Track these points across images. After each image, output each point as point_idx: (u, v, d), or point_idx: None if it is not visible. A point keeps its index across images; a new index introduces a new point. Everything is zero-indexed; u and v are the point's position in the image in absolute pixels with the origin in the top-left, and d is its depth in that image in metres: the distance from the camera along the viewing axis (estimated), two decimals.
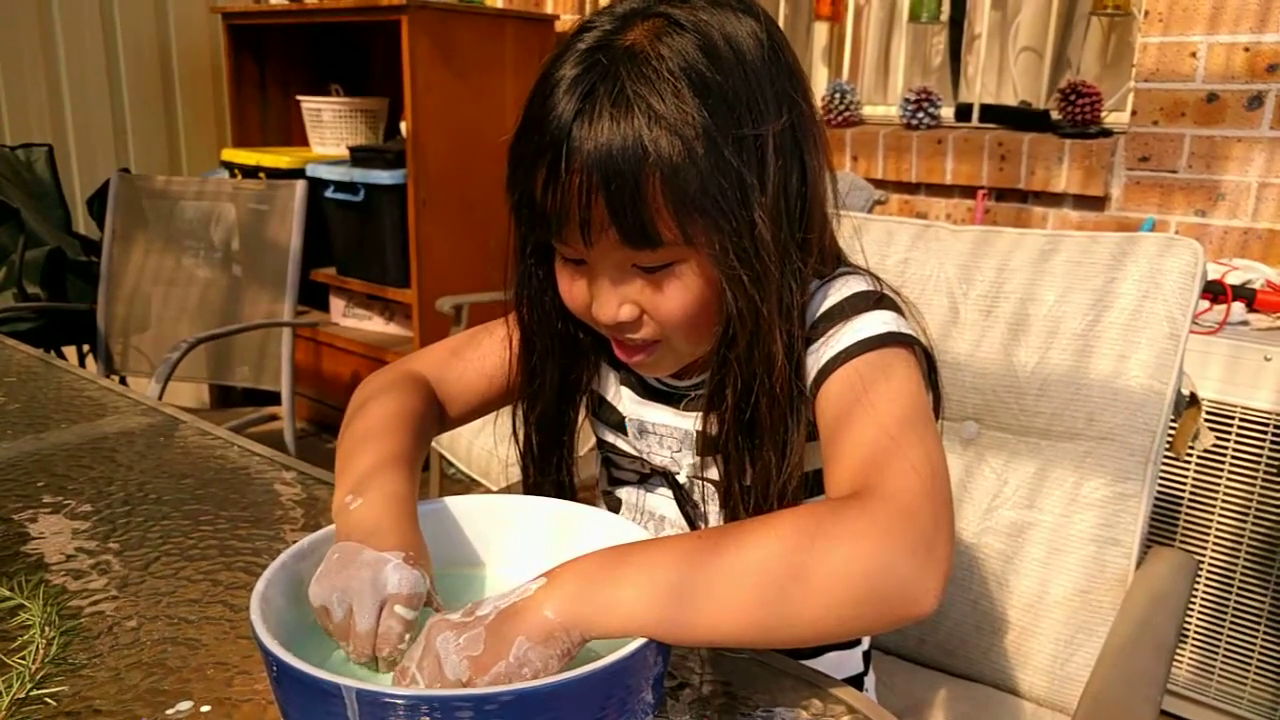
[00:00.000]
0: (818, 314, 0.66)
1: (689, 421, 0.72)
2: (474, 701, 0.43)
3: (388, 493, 0.58)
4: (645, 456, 0.75)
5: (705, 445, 0.68)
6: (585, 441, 0.80)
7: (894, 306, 0.66)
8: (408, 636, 0.51)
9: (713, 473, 0.72)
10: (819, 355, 0.64)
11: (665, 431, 0.74)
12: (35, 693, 0.53)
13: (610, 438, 0.78)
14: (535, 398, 0.74)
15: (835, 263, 0.70)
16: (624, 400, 0.76)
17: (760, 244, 0.60)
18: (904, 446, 0.55)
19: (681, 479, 0.74)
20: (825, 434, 0.62)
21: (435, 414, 0.74)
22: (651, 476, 0.77)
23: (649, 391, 0.75)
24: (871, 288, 0.67)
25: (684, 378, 0.74)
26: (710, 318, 0.63)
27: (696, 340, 0.65)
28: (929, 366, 0.66)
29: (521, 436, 0.76)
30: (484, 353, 0.77)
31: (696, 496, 0.74)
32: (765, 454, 0.64)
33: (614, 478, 0.80)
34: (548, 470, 0.76)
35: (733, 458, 0.65)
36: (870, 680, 0.83)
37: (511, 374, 0.75)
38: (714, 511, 0.73)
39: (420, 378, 0.74)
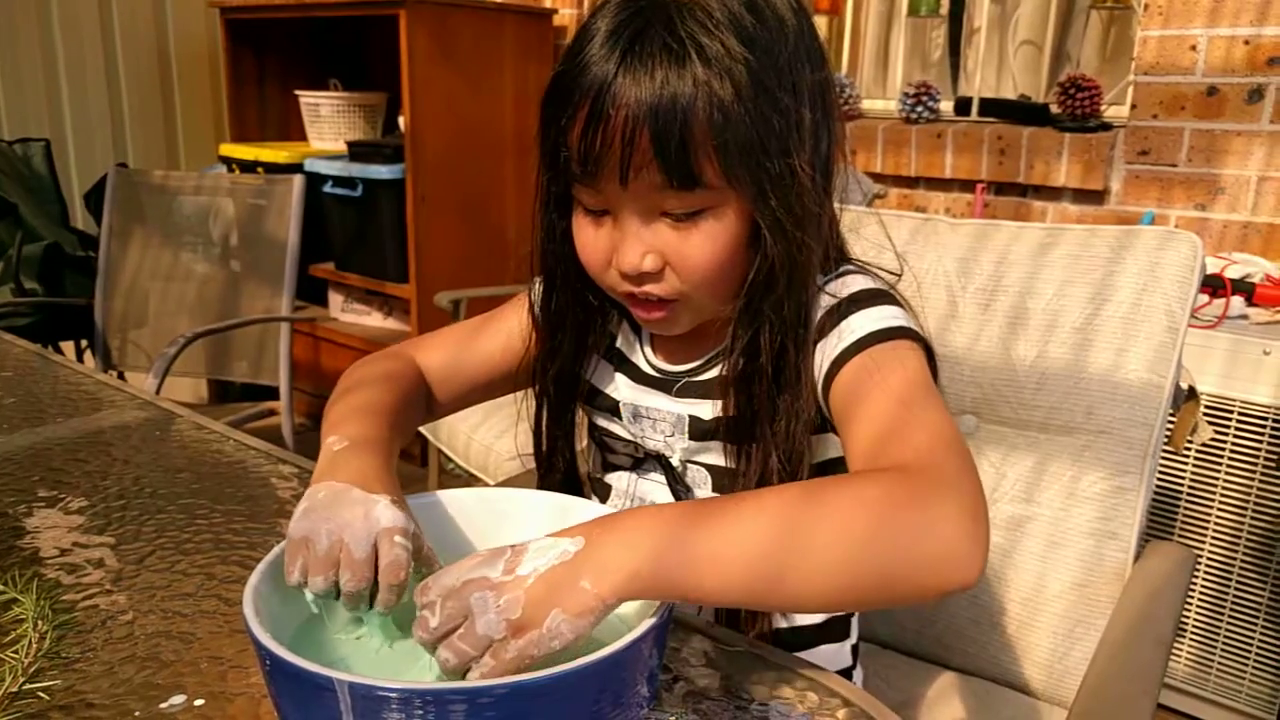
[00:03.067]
0: (825, 309, 0.66)
1: (682, 407, 0.72)
2: (468, 695, 0.42)
3: (371, 440, 0.60)
4: (639, 441, 0.76)
5: (724, 418, 0.68)
6: (579, 440, 0.80)
7: (899, 304, 0.67)
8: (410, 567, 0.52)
9: (705, 457, 0.72)
10: (831, 347, 0.64)
11: (659, 416, 0.74)
12: (28, 687, 0.53)
13: (604, 422, 0.79)
14: (555, 353, 0.75)
15: (840, 255, 0.71)
16: (619, 386, 0.76)
17: (802, 189, 0.61)
18: (924, 417, 0.56)
19: (675, 463, 0.74)
20: (841, 416, 0.62)
21: (423, 393, 0.75)
22: (645, 461, 0.77)
23: (643, 378, 0.75)
24: (876, 285, 0.68)
25: (678, 363, 0.74)
26: (734, 272, 0.64)
27: (716, 296, 0.66)
28: (931, 367, 0.66)
29: (537, 393, 0.77)
30: (485, 339, 0.79)
31: (689, 480, 0.74)
32: (789, 405, 0.64)
33: (607, 462, 0.81)
34: (559, 427, 0.78)
35: (764, 407, 0.65)
36: (859, 674, 0.83)
37: (528, 340, 0.76)
38: (705, 496, 0.73)
39: (410, 359, 0.76)
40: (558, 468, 0.78)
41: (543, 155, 0.65)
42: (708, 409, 0.71)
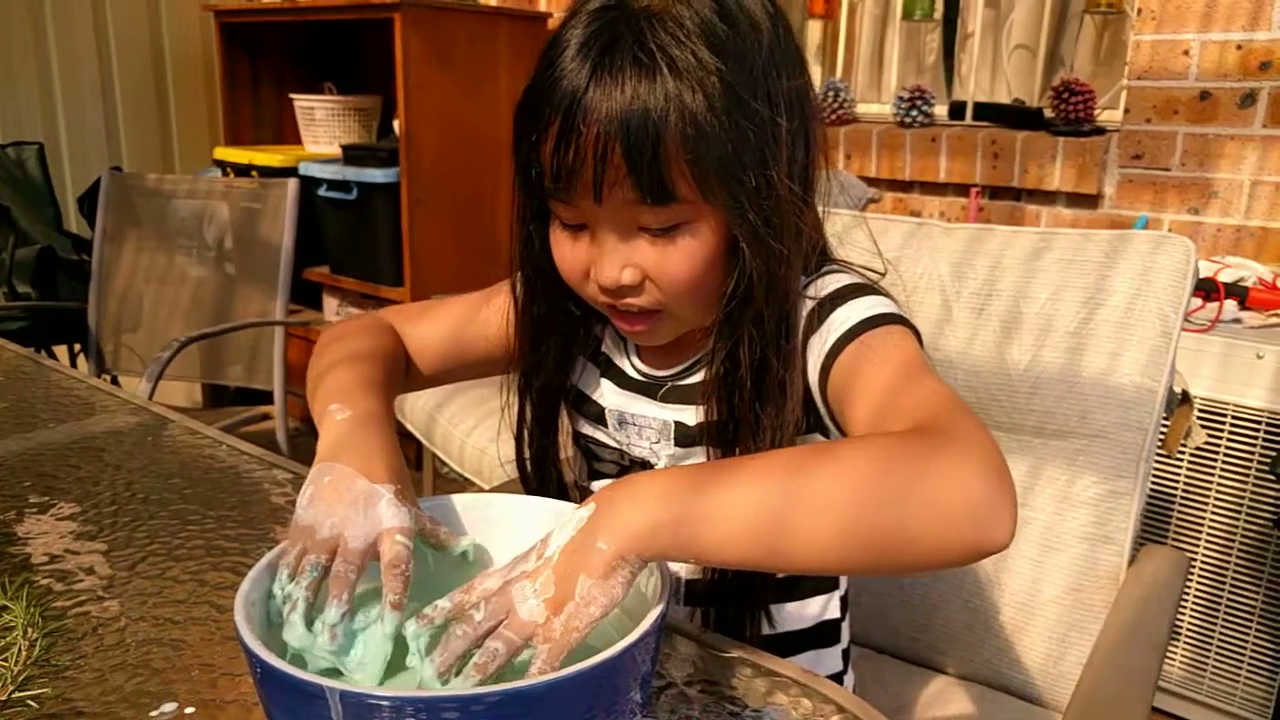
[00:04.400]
0: (808, 310, 0.66)
1: (668, 413, 0.72)
2: (460, 702, 0.42)
3: (374, 414, 0.59)
4: (625, 448, 0.76)
5: (706, 426, 0.68)
6: (564, 447, 0.80)
7: (883, 294, 0.67)
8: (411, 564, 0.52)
9: (691, 462, 0.72)
10: (822, 343, 0.64)
11: (644, 422, 0.74)
12: (18, 695, 0.53)
13: (589, 430, 0.78)
14: (539, 367, 0.74)
15: (822, 256, 0.71)
16: (605, 393, 0.76)
17: (779, 201, 0.60)
18: (924, 383, 0.56)
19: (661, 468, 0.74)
20: (839, 404, 0.62)
21: (404, 367, 0.75)
22: (631, 468, 0.77)
23: (628, 383, 0.75)
24: (859, 280, 0.68)
25: (663, 367, 0.74)
26: (715, 283, 0.63)
27: (698, 306, 0.65)
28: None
29: (516, 408, 0.76)
30: (477, 326, 0.78)
31: None
32: (772, 418, 0.64)
33: (594, 470, 0.80)
34: (549, 438, 0.77)
35: (746, 417, 0.64)
36: (850, 679, 0.82)
37: (511, 345, 0.75)
38: None
39: (392, 330, 0.76)
40: (549, 478, 0.78)
41: (517, 169, 0.64)
42: (692, 414, 0.70)
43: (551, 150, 0.59)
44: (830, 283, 0.67)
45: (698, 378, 0.71)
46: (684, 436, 0.71)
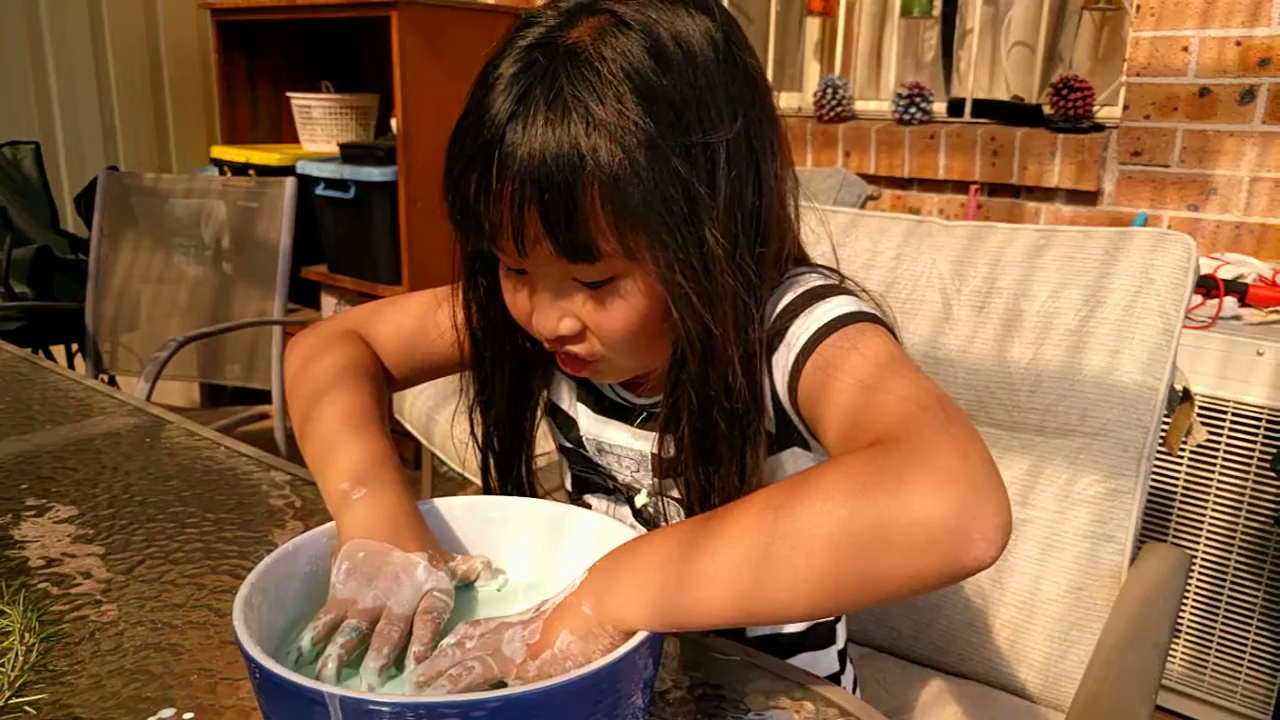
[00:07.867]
0: (773, 318, 0.62)
1: (644, 443, 0.70)
2: (460, 708, 0.42)
3: (384, 465, 0.60)
4: (609, 472, 0.75)
5: (663, 468, 0.65)
6: (540, 447, 0.79)
7: (844, 293, 0.64)
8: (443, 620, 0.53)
9: (675, 492, 0.70)
10: (786, 357, 0.61)
11: (622, 452, 0.72)
12: (14, 700, 0.53)
13: (573, 447, 0.77)
14: (489, 404, 0.73)
15: (795, 265, 0.67)
16: (581, 417, 0.74)
17: (711, 260, 0.56)
18: (890, 388, 0.53)
19: (642, 499, 0.72)
20: (810, 420, 0.60)
21: (383, 376, 0.75)
22: (617, 491, 0.75)
23: (605, 407, 0.73)
24: (827, 281, 0.65)
25: (640, 395, 0.71)
26: (656, 334, 0.60)
27: (640, 357, 0.63)
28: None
29: (481, 438, 0.74)
30: (439, 330, 0.76)
31: (664, 511, 0.71)
32: (728, 476, 0.61)
33: (588, 483, 0.79)
34: (509, 471, 0.75)
35: (692, 483, 0.62)
36: (848, 678, 0.81)
37: (463, 349, 0.73)
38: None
39: (359, 337, 0.75)
40: (514, 493, 0.76)
41: (447, 213, 0.60)
42: (668, 445, 0.67)
43: (474, 200, 0.56)
44: (795, 288, 0.63)
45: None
46: (661, 465, 0.69)
